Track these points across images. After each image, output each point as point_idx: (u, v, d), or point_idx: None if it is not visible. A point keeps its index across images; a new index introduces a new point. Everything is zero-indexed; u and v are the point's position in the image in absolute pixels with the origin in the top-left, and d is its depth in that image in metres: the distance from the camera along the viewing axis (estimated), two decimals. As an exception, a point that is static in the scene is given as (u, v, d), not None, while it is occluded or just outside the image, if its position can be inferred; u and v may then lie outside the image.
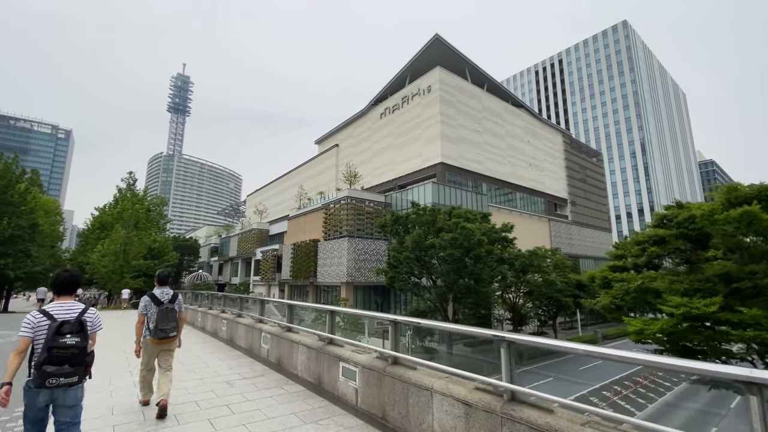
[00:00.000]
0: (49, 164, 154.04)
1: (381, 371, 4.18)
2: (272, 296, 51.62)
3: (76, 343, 2.91)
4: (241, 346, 8.90)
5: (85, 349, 2.99)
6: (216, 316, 11.41)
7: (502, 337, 3.09)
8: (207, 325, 12.29)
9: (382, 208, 38.37)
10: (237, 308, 10.48)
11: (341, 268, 34.86)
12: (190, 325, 14.62)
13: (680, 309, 10.45)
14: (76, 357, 2.91)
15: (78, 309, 3.11)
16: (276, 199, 70.30)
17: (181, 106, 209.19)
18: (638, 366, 2.78)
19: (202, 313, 13.21)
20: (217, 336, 11.01)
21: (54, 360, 2.80)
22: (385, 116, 46.97)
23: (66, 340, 2.87)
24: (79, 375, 2.94)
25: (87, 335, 3.02)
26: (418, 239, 21.71)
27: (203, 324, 13.01)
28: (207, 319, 12.35)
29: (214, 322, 11.70)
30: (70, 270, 3.39)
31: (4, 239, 27.15)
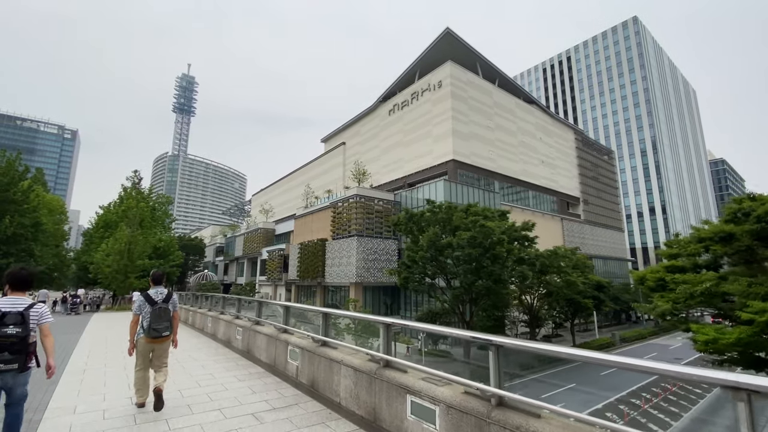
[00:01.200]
0: (55, 164, 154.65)
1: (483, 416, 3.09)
2: (278, 296, 50.78)
3: (16, 333, 3.17)
4: (261, 360, 7.72)
5: (26, 339, 3.23)
6: (229, 322, 10.33)
7: (488, 340, 3.07)
8: (219, 332, 11.25)
9: (392, 207, 37.39)
10: (254, 313, 9.28)
11: (350, 269, 33.91)
12: (198, 330, 13.72)
13: (764, 316, 9.20)
14: (15, 345, 3.16)
15: (24, 304, 3.37)
16: (282, 198, 69.54)
17: (186, 107, 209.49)
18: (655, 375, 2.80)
19: (212, 318, 12.12)
20: (230, 346, 9.89)
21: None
22: (393, 113, 45.96)
23: (7, 330, 3.14)
24: (19, 362, 3.19)
25: (28, 327, 3.26)
26: (434, 238, 20.67)
27: (214, 330, 11.95)
28: (218, 325, 11.32)
29: (226, 330, 10.56)
30: (26, 269, 3.59)
31: (6, 238, 26.42)
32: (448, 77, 38.42)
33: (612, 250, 57.06)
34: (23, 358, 3.23)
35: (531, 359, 26.34)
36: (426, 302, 33.79)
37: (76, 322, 16.76)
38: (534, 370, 24.32)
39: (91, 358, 8.41)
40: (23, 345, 3.22)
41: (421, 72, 43.36)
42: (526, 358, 26.14)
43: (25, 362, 3.25)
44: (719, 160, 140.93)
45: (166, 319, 4.81)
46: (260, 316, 8.80)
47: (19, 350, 3.19)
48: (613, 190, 64.81)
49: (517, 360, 25.67)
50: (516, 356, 26.25)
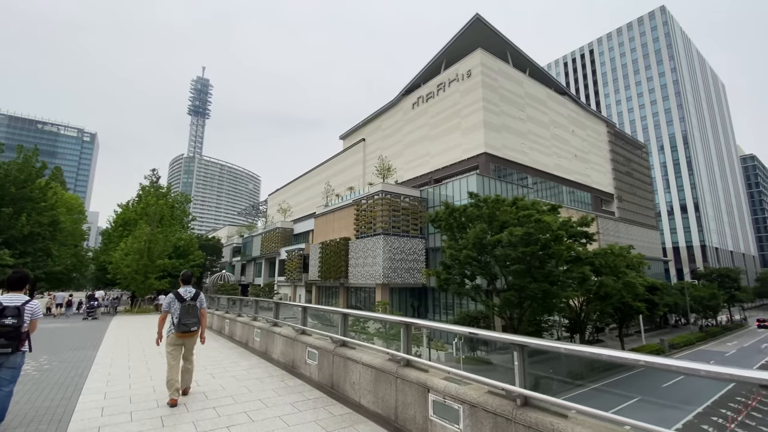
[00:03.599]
0: (75, 167, 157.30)
1: (508, 416, 2.97)
2: (298, 297, 49.26)
3: (12, 324, 3.93)
4: (279, 361, 7.50)
5: (19, 329, 3.97)
6: (247, 324, 9.71)
7: (512, 340, 3.09)
8: (236, 333, 10.74)
9: (418, 204, 35.34)
10: (271, 315, 8.98)
11: (376, 269, 31.99)
12: (216, 332, 12.16)
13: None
14: (10, 333, 3.92)
15: (22, 300, 4.11)
16: (299, 197, 68.17)
17: (200, 109, 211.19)
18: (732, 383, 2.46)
19: (230, 320, 11.33)
20: (248, 347, 9.59)
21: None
22: (417, 106, 43.91)
23: (5, 321, 3.91)
24: (12, 347, 3.93)
25: (23, 319, 4.01)
26: (480, 235, 18.57)
27: (231, 332, 11.35)
28: (235, 326, 10.78)
29: (244, 331, 10.12)
30: (20, 271, 4.37)
31: (23, 237, 25.28)
32: (479, 66, 36.19)
33: (647, 250, 53.79)
34: (16, 344, 3.94)
35: (581, 367, 24.08)
36: (458, 305, 31.68)
37: (92, 330, 15.13)
38: (591, 380, 22.02)
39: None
40: (17, 333, 3.95)
41: (447, 62, 41.22)
42: (577, 366, 23.90)
43: (17, 347, 3.96)
44: (749, 156, 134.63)
45: (195, 315, 5.14)
46: (278, 318, 8.55)
47: (13, 337, 3.92)
48: (647, 186, 61.45)
49: (568, 368, 23.45)
50: (567, 365, 24.02)
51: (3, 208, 25.01)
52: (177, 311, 5.09)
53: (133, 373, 6.61)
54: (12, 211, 25.16)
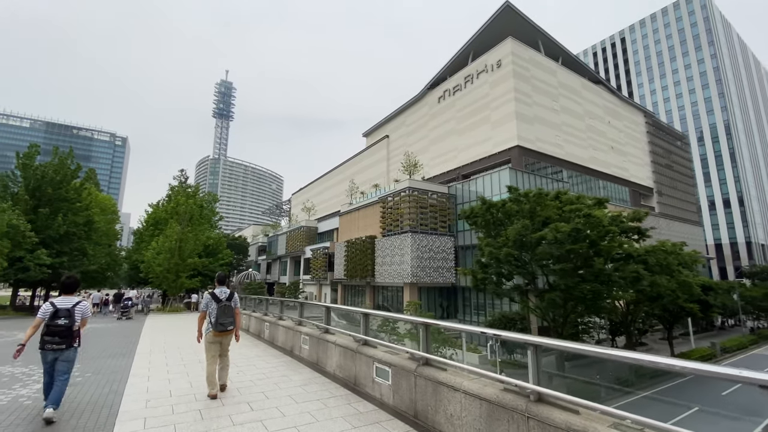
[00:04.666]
0: (108, 169, 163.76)
1: (522, 411, 3.12)
2: (324, 296, 48.99)
3: (64, 324, 4.51)
4: (304, 358, 7.52)
5: (71, 328, 4.55)
6: (273, 323, 9.36)
7: (525, 340, 3.20)
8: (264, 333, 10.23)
9: (446, 201, 34.19)
10: (296, 314, 8.81)
11: (404, 267, 31.11)
12: (255, 336, 11.49)
13: None
14: (64, 332, 4.50)
15: (73, 302, 4.68)
16: (323, 195, 68.07)
17: (225, 112, 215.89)
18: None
19: (257, 319, 11.05)
20: (275, 345, 9.50)
21: (49, 333, 4.46)
22: (444, 99, 42.64)
23: (59, 321, 4.49)
24: (66, 344, 4.51)
25: (74, 319, 4.58)
26: (523, 231, 17.34)
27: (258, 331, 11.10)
28: (262, 325, 10.33)
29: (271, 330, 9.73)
30: (73, 277, 4.99)
31: (60, 237, 25.82)
32: (509, 55, 34.61)
33: (689, 247, 50.58)
34: (69, 341, 4.56)
35: (629, 374, 22.43)
36: (491, 306, 30.41)
37: (128, 330, 14.92)
38: (641, 387, 20.40)
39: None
40: (69, 332, 4.55)
41: (475, 53, 39.77)
42: (625, 372, 22.28)
43: (70, 343, 4.58)
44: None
45: (230, 315, 5.39)
46: (302, 317, 8.60)
47: (66, 336, 4.53)
48: (688, 180, 57.87)
49: (615, 375, 21.86)
50: (613, 371, 22.42)
51: (40, 208, 25.62)
52: (214, 311, 5.37)
53: (171, 371, 6.89)
54: (49, 212, 25.74)
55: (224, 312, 5.37)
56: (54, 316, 4.50)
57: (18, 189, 26.15)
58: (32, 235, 23.09)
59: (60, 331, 4.48)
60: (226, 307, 5.42)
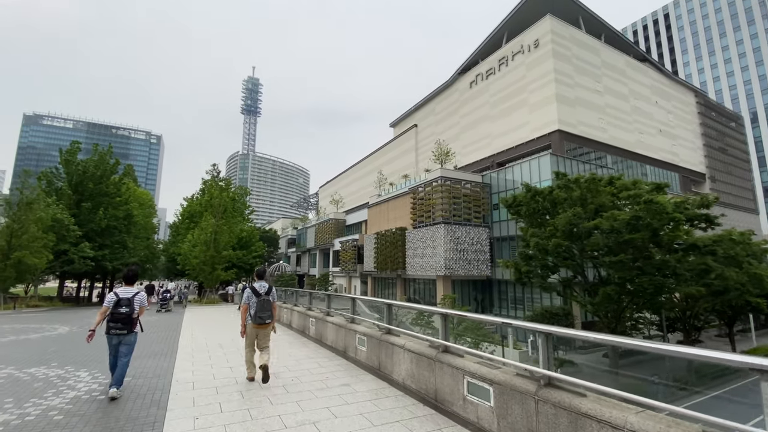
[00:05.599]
0: (144, 166, 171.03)
1: (532, 395, 3.34)
2: (353, 288, 48.78)
3: (125, 312, 5.08)
4: (331, 346, 7.81)
5: (131, 315, 5.11)
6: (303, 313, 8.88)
7: (535, 328, 3.43)
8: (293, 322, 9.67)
9: (480, 190, 32.73)
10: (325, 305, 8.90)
11: (437, 260, 30.11)
12: (299, 333, 10.90)
13: None
14: (124, 319, 5.06)
15: (133, 292, 5.27)
16: (351, 188, 67.74)
17: (252, 108, 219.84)
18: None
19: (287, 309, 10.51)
20: (306, 334, 9.53)
21: (113, 320, 5.03)
22: (476, 84, 40.83)
23: (122, 310, 5.06)
24: (127, 329, 5.10)
25: (133, 308, 5.15)
26: (575, 220, 15.96)
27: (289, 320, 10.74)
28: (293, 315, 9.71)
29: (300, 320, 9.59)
30: (133, 269, 5.66)
31: (101, 230, 26.59)
32: (548, 33, 32.42)
33: (747, 237, 46.55)
34: (129, 327, 5.12)
35: (688, 373, 20.65)
36: (530, 299, 28.98)
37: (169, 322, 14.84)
38: (708, 386, 18.65)
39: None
40: (130, 319, 5.10)
41: (509, 34, 37.67)
42: (682, 370, 20.50)
43: (131, 329, 5.14)
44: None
45: (268, 309, 5.77)
46: (330, 308, 8.84)
47: (127, 322, 5.08)
48: (744, 164, 53.17)
49: (674, 373, 20.13)
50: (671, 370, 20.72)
51: (83, 203, 26.42)
52: (254, 305, 5.70)
53: (212, 356, 7.46)
54: (91, 206, 26.52)
55: (263, 306, 5.70)
56: (117, 304, 5.09)
57: (62, 184, 27.08)
58: (76, 229, 23.82)
59: (122, 318, 5.07)
60: (265, 301, 5.73)
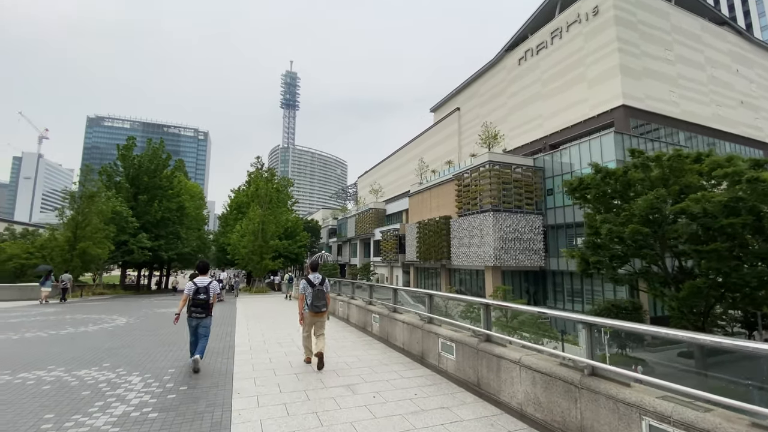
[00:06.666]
0: (193, 161, 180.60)
1: (575, 383, 3.39)
2: (395, 278, 48.22)
3: (203, 298, 5.88)
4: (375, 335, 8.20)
5: (207, 301, 5.91)
6: (419, 328, 6.51)
7: (580, 319, 3.50)
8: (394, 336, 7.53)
9: (532, 174, 30.51)
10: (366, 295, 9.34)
11: (485, 249, 28.55)
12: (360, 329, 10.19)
13: None
14: (203, 305, 5.88)
15: (208, 281, 6.04)
16: (390, 177, 66.91)
17: (291, 102, 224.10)
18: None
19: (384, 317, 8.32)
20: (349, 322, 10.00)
21: (194, 305, 5.84)
22: (525, 61, 38.07)
23: (200, 296, 5.86)
24: (205, 313, 5.92)
25: (210, 295, 5.95)
26: (657, 203, 13.96)
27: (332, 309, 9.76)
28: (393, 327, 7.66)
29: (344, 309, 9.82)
30: (205, 261, 6.54)
31: (157, 222, 27.71)
32: (610, -2, 29.20)
33: None
34: (207, 311, 5.93)
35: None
36: (589, 292, 26.75)
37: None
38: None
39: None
40: (206, 304, 5.91)
41: (563, 3, 34.51)
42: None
43: (208, 313, 5.96)
44: None
45: (323, 298, 6.18)
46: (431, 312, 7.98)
47: (204, 307, 5.89)
48: (844, 138, 45.93)
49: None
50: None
51: (139, 196, 27.62)
52: (309, 295, 6.15)
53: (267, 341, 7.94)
54: (146, 199, 27.66)
55: (317, 296, 6.13)
56: (196, 292, 5.87)
57: (120, 179, 28.46)
58: (134, 221, 24.91)
59: (201, 303, 5.86)
60: (320, 291, 6.15)
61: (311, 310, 6.11)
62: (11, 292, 20.16)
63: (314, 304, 6.08)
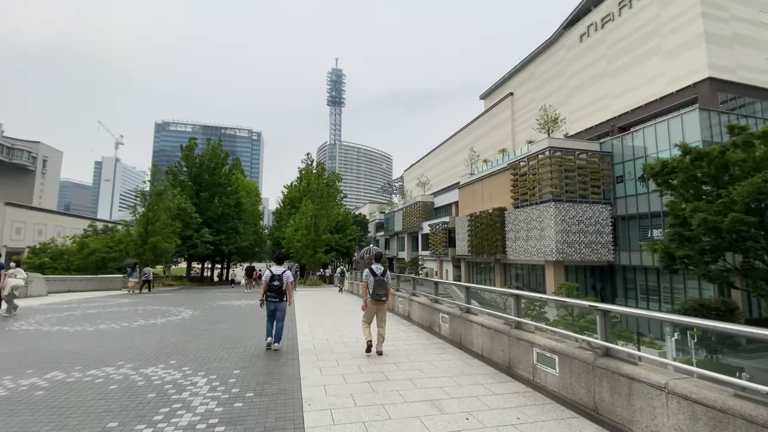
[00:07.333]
0: (248, 160, 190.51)
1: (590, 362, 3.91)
2: (445, 273, 47.07)
3: (277, 285, 6.72)
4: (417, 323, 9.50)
5: (281, 288, 6.75)
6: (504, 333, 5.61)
7: (595, 306, 3.97)
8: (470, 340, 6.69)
9: (599, 160, 27.84)
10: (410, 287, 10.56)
11: (545, 242, 26.63)
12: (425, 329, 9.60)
13: None
14: (277, 291, 6.72)
15: (282, 270, 6.88)
16: (437, 169, 65.46)
17: (337, 99, 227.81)
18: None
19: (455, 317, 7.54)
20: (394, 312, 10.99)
21: (270, 291, 6.71)
22: (588, 37, 34.89)
23: (274, 283, 6.71)
24: (279, 298, 6.75)
25: (283, 282, 6.77)
26: (765, 188, 11.81)
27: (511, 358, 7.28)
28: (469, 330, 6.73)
29: (496, 344, 6.11)
30: (282, 253, 7.67)
31: (217, 217, 29.16)
32: (692, -44, 25.59)
33: None
34: (281, 296, 6.75)
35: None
36: (666, 290, 23.96)
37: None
38: None
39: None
40: (281, 291, 6.74)
41: (632, -32, 30.97)
42: None
43: (282, 298, 6.77)
44: None
45: (384, 288, 6.52)
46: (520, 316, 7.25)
47: (279, 293, 6.72)
48: None
49: None
50: None
51: (201, 193, 29.21)
52: (372, 284, 6.52)
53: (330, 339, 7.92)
54: (208, 196, 29.20)
55: (379, 285, 6.47)
56: (272, 279, 6.69)
57: (183, 177, 30.30)
58: (197, 216, 26.40)
59: (276, 289, 6.69)
60: (381, 281, 6.49)
61: (373, 298, 6.46)
62: (93, 283, 22.22)
63: (376, 292, 6.42)
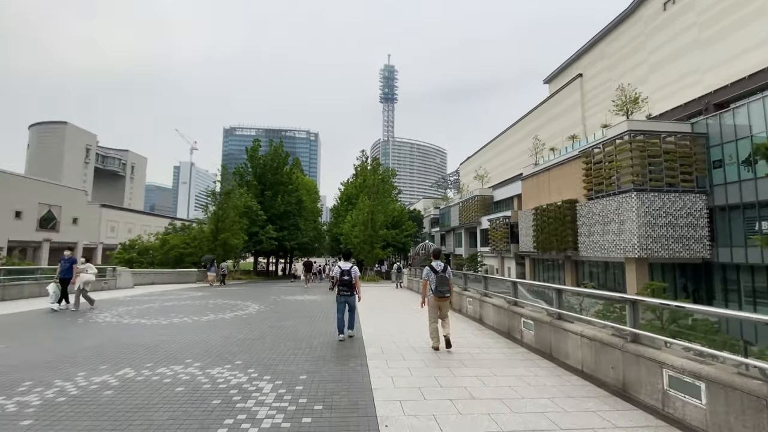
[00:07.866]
0: (307, 161, 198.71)
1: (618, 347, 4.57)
2: (507, 270, 44.71)
3: (347, 279, 7.29)
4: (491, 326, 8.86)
5: (351, 281, 7.32)
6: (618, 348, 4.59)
7: (625, 298, 4.65)
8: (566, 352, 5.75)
9: (690, 143, 24.29)
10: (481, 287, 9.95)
11: (625, 237, 23.90)
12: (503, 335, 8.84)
13: None
14: (347, 284, 7.31)
15: (350, 266, 7.47)
16: (495, 161, 62.58)
17: (389, 95, 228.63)
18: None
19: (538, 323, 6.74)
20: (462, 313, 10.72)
21: (341, 284, 7.31)
22: (673, 4, 30.69)
23: (345, 278, 7.29)
24: (350, 291, 7.34)
25: (352, 277, 7.35)
26: None
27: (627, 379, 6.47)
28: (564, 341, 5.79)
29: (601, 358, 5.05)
30: (349, 250, 8.89)
31: (280, 214, 30.45)
32: None
33: None
34: (351, 290, 7.33)
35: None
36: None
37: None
38: None
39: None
40: (350, 284, 7.30)
41: None
42: None
43: (352, 292, 7.35)
44: None
45: (446, 284, 6.59)
46: (487, 289, 9.61)
47: (349, 286, 7.30)
48: None
49: None
50: None
51: (265, 191, 30.66)
52: (433, 281, 6.62)
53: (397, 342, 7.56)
54: (271, 194, 30.58)
55: (441, 281, 6.51)
56: (341, 274, 7.24)
57: (249, 177, 32.05)
58: (262, 214, 27.79)
59: (346, 282, 7.25)
60: (443, 277, 6.54)
61: (435, 294, 6.52)
62: (172, 276, 24.29)
63: (438, 289, 6.47)
